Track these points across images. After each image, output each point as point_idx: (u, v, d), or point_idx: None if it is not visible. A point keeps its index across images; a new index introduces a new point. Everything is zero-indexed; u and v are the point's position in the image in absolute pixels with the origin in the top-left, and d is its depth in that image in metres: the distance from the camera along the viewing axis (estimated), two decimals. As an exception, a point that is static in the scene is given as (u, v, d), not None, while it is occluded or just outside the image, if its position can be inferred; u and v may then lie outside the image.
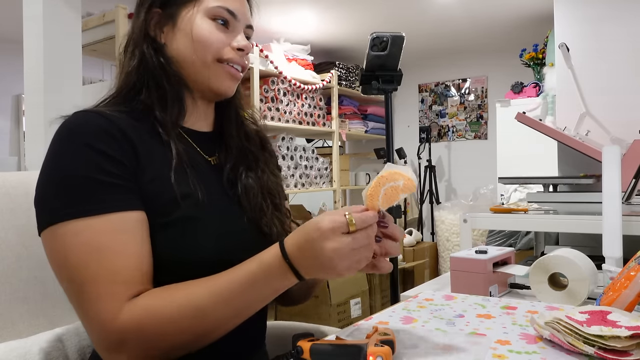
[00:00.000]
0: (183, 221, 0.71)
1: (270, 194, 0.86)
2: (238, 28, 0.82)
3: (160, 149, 0.74)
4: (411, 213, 4.68)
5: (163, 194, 0.70)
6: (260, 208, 0.83)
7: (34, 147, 2.21)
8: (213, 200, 0.76)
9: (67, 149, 0.67)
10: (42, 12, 2.11)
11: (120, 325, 0.62)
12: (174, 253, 0.70)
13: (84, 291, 0.63)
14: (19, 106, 4.19)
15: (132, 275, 0.64)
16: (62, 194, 0.65)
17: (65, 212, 0.64)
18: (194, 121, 0.83)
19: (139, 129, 0.73)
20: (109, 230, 0.64)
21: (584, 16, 2.09)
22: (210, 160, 0.83)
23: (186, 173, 0.74)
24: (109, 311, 0.62)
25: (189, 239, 0.71)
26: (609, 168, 1.12)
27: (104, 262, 0.63)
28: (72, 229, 0.64)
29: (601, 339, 0.60)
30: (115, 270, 0.63)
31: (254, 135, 0.91)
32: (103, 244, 0.63)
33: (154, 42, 0.79)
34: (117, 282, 0.63)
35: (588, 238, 1.77)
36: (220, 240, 0.74)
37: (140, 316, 0.62)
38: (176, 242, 0.70)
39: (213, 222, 0.74)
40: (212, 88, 0.81)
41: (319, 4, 3.40)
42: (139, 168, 0.70)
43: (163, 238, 0.69)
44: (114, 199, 0.66)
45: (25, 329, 0.80)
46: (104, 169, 0.66)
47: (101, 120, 0.70)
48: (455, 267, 1.09)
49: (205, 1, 0.78)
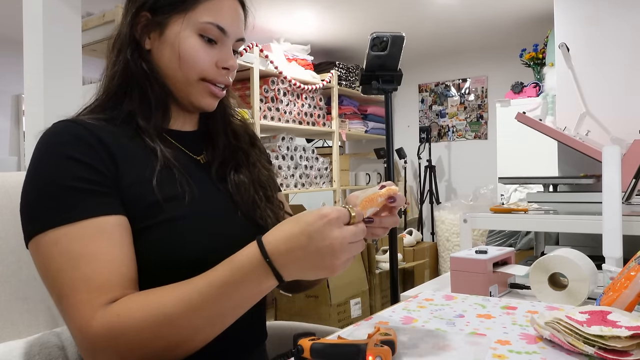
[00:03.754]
0: (170, 222, 0.70)
1: (262, 186, 0.86)
2: (227, 44, 0.80)
3: (143, 153, 0.74)
4: (411, 213, 4.68)
5: (145, 198, 0.70)
6: (253, 201, 0.83)
7: (34, 147, 2.20)
8: (205, 198, 0.76)
9: (45, 158, 0.68)
10: (42, 12, 2.11)
11: (93, 332, 0.61)
12: (164, 255, 0.69)
13: (62, 299, 0.63)
14: (19, 106, 4.19)
15: (108, 280, 0.63)
16: (41, 203, 0.66)
17: (44, 222, 0.64)
18: (179, 123, 0.83)
19: (119, 136, 0.73)
20: (84, 236, 0.64)
21: (584, 16, 2.09)
22: (199, 159, 0.83)
23: (173, 175, 0.74)
24: (83, 318, 0.61)
25: (178, 240, 0.70)
26: (609, 168, 1.12)
27: (79, 269, 0.62)
28: (51, 238, 0.64)
29: (601, 339, 0.60)
30: (89, 277, 0.62)
31: (242, 133, 0.90)
32: (78, 251, 0.63)
33: (138, 47, 0.78)
34: (92, 289, 0.62)
35: (588, 238, 1.77)
36: (214, 237, 0.74)
37: (110, 323, 0.61)
38: (165, 244, 0.69)
39: (205, 220, 0.74)
40: (192, 103, 0.80)
41: (319, 4, 3.40)
42: (119, 174, 0.70)
43: (151, 241, 0.69)
44: (90, 205, 0.66)
45: (25, 329, 0.80)
46: (81, 176, 0.66)
47: (79, 129, 0.70)
48: (455, 267, 1.09)
49: (196, 14, 0.76)
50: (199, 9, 0.76)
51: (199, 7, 0.76)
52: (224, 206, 0.80)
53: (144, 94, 0.77)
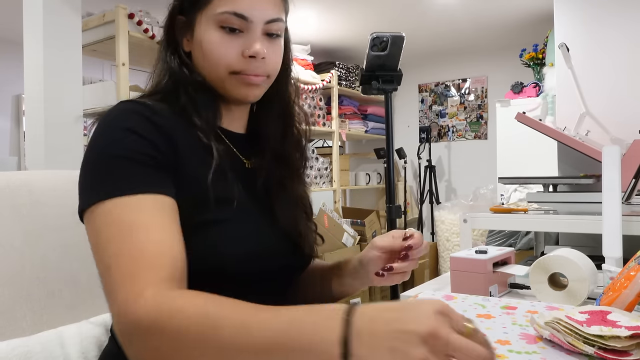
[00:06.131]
0: (215, 223, 0.69)
1: (303, 203, 0.85)
2: (253, 29, 0.75)
3: (197, 148, 0.72)
4: (411, 213, 4.68)
5: (198, 194, 0.68)
6: (294, 216, 0.81)
7: (34, 147, 2.21)
8: (248, 205, 0.75)
9: (107, 132, 0.66)
10: (42, 12, 2.11)
11: (137, 312, 0.54)
12: (203, 255, 0.67)
13: (109, 270, 0.58)
14: (19, 106, 4.19)
15: (161, 260, 0.58)
16: (99, 175, 0.64)
17: (100, 191, 0.62)
18: (229, 122, 0.81)
19: (179, 124, 0.72)
20: (142, 208, 0.61)
21: (584, 16, 2.09)
22: (246, 163, 0.81)
23: (225, 176, 0.72)
24: (129, 292, 0.55)
25: (219, 242, 0.68)
26: (609, 168, 1.12)
27: (132, 239, 0.58)
28: (106, 208, 0.61)
29: (601, 339, 0.61)
30: (143, 249, 0.58)
31: (296, 146, 0.86)
32: (134, 221, 0.60)
33: (178, 50, 0.77)
34: (144, 264, 0.57)
35: (588, 238, 1.77)
36: (252, 245, 0.72)
37: (162, 305, 0.54)
38: (205, 244, 0.68)
39: (246, 227, 0.73)
40: (231, 97, 0.78)
41: (319, 4, 3.40)
42: (178, 161, 0.68)
43: (192, 238, 0.66)
44: (151, 179, 0.64)
45: (27, 327, 0.80)
46: (142, 151, 0.64)
47: (142, 108, 0.68)
48: (455, 267, 1.09)
49: (212, 6, 0.74)
50: (214, 1, 0.74)
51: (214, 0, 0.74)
52: (265, 215, 0.78)
53: (189, 95, 0.75)
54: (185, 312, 0.53)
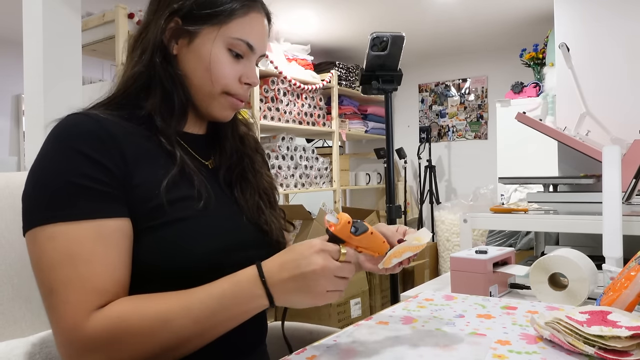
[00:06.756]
0: (178, 222, 0.70)
1: (266, 193, 0.88)
2: (252, 60, 0.81)
3: (156, 154, 0.73)
4: (411, 213, 4.68)
5: (154, 198, 0.69)
6: (258, 206, 0.84)
7: (34, 147, 2.21)
8: (214, 201, 0.76)
9: (54, 151, 0.67)
10: (42, 12, 2.11)
11: (87, 333, 0.61)
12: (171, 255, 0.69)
13: (52, 296, 0.62)
14: (19, 106, 4.19)
15: (103, 284, 0.63)
16: (43, 197, 0.65)
17: (43, 215, 0.64)
18: (189, 125, 0.83)
19: (134, 134, 0.72)
20: (84, 237, 0.64)
21: (584, 16, 2.09)
22: (207, 164, 0.83)
23: (188, 178, 0.74)
24: (74, 318, 0.61)
25: (186, 240, 0.70)
26: (609, 168, 1.12)
27: (75, 269, 0.62)
28: (49, 233, 0.63)
29: (601, 339, 0.61)
30: (85, 278, 0.62)
31: (248, 138, 0.92)
32: (76, 251, 0.63)
33: (165, 52, 0.77)
34: (87, 290, 0.62)
35: (588, 238, 1.77)
36: (222, 238, 0.75)
37: (109, 325, 0.61)
38: (173, 243, 0.69)
39: (214, 222, 0.75)
40: (210, 114, 0.81)
41: (319, 4, 3.40)
42: (128, 173, 0.69)
43: (159, 239, 0.69)
44: (94, 205, 0.65)
45: (27, 327, 0.80)
46: (88, 174, 0.66)
47: (91, 123, 0.69)
48: (455, 267, 1.09)
49: (229, 29, 0.76)
50: (232, 24, 0.76)
51: (232, 23, 0.76)
52: (231, 210, 0.81)
53: (167, 97, 0.76)
54: (132, 316, 0.62)
